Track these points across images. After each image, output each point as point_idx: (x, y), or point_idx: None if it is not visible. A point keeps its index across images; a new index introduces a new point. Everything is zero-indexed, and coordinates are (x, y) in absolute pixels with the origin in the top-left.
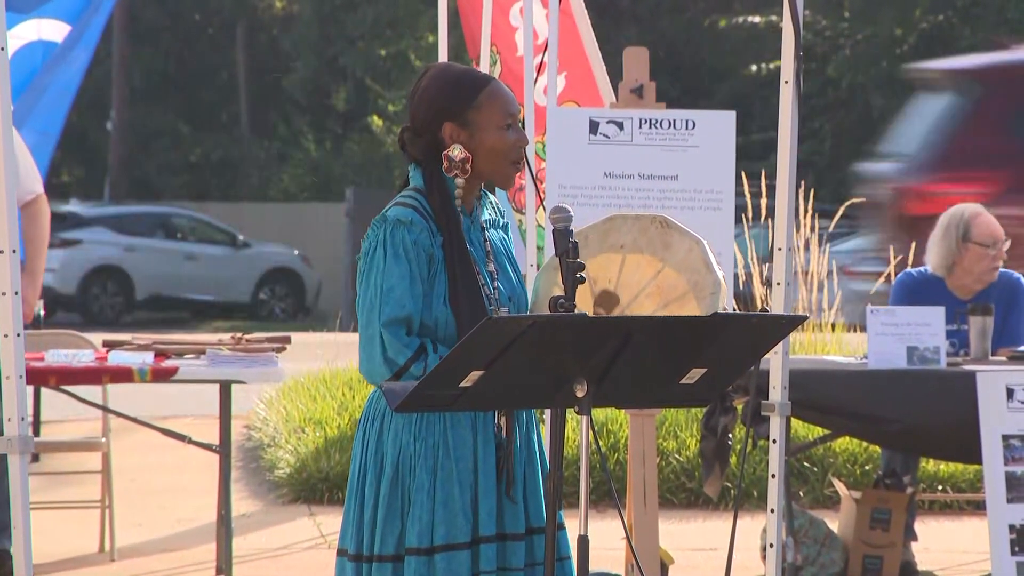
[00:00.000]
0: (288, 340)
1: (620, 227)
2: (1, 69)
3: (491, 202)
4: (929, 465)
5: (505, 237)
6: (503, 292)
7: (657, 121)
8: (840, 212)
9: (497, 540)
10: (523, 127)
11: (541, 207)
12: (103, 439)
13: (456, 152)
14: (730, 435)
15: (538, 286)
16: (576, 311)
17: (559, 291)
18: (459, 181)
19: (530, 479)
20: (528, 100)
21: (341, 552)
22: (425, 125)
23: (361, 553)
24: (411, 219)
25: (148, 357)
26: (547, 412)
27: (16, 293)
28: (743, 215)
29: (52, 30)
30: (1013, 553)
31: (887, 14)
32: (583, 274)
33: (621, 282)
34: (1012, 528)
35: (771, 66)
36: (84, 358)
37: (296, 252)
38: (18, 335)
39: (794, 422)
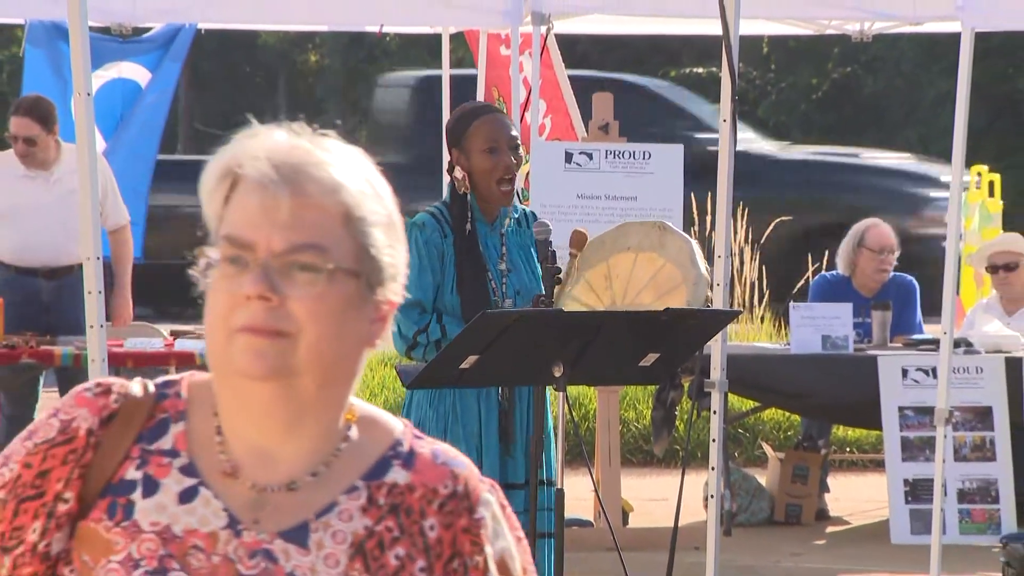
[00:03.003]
0: None
1: (629, 232)
2: (87, 112)
3: (538, 221)
4: (839, 431)
5: (529, 244)
6: (511, 286)
7: (620, 152)
8: (770, 226)
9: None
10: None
11: None
12: None
13: (457, 173)
14: (678, 407)
15: (562, 288)
16: (554, 308)
17: (580, 292)
18: (471, 195)
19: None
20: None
21: None
22: (449, 152)
23: None
24: (424, 222)
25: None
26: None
27: (100, 292)
28: (690, 228)
29: (132, 71)
30: (907, 502)
31: (805, 67)
32: (595, 271)
33: (632, 276)
34: (906, 482)
35: (712, 108)
36: (155, 345)
37: None
38: (101, 326)
39: (730, 396)
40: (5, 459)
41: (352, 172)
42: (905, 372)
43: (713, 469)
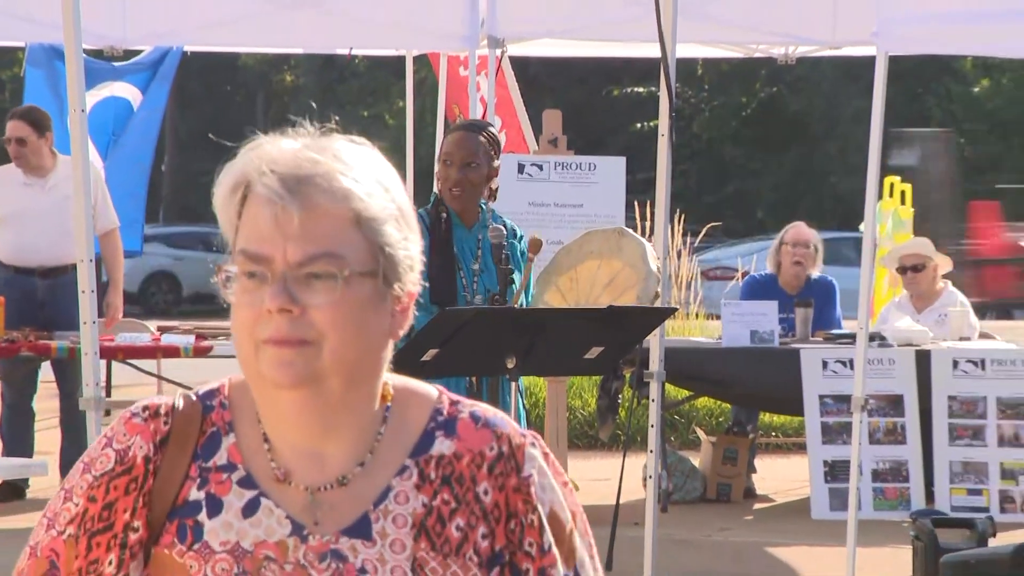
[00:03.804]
0: None
1: (592, 239)
2: (81, 127)
3: (492, 226)
4: (766, 417)
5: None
6: (482, 285)
7: (567, 164)
8: (703, 232)
9: None
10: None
11: None
12: None
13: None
14: (620, 395)
15: (537, 290)
16: (507, 306)
17: (550, 296)
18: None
19: None
20: None
21: None
22: None
23: None
24: None
25: (191, 339)
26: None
27: (92, 291)
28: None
29: (123, 90)
30: (826, 481)
31: (735, 86)
32: (570, 275)
33: (596, 280)
34: (825, 463)
35: (651, 124)
36: (143, 339)
37: None
38: (93, 322)
39: (667, 386)
40: (68, 494)
41: (360, 174)
42: (825, 363)
43: (651, 452)
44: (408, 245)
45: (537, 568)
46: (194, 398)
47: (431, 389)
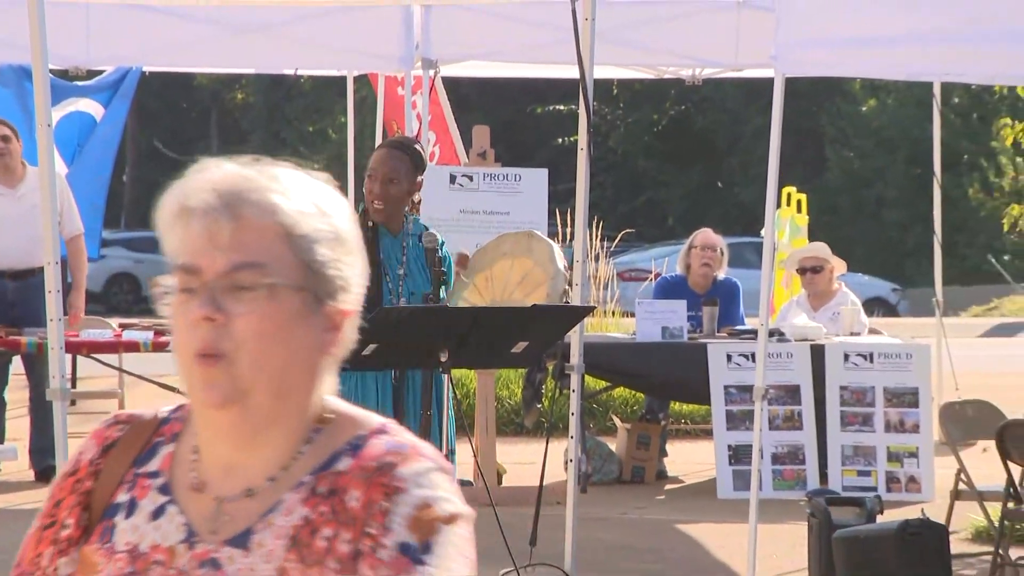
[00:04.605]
0: None
1: (505, 240)
2: (48, 140)
3: (426, 232)
4: (676, 405)
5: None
6: (407, 288)
7: (495, 175)
8: (619, 237)
9: None
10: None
11: None
12: (119, 390)
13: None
14: (543, 386)
15: (456, 289)
16: (441, 304)
17: (469, 294)
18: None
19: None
20: None
21: None
22: None
23: None
24: None
25: (150, 335)
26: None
27: (58, 291)
28: (554, 238)
29: (88, 105)
30: (730, 464)
31: (647, 105)
32: (487, 273)
33: (509, 278)
34: (730, 447)
35: (571, 139)
36: (106, 335)
37: None
38: (59, 320)
39: (586, 377)
40: None
41: (293, 193)
42: (729, 357)
43: (572, 438)
44: (341, 266)
45: (373, 541)
46: (162, 411)
47: (374, 420)
